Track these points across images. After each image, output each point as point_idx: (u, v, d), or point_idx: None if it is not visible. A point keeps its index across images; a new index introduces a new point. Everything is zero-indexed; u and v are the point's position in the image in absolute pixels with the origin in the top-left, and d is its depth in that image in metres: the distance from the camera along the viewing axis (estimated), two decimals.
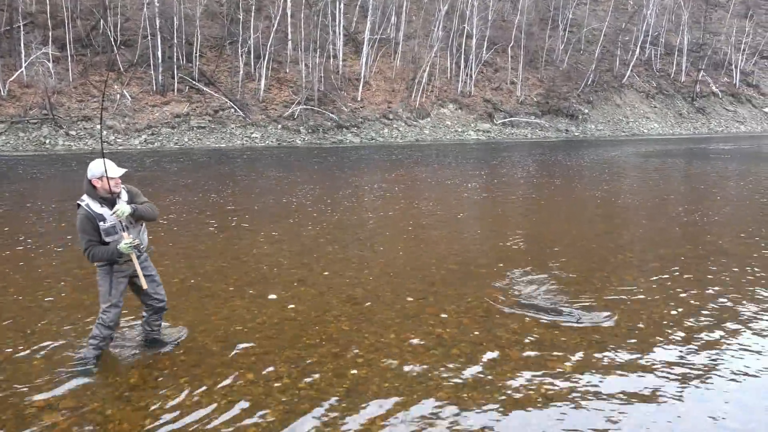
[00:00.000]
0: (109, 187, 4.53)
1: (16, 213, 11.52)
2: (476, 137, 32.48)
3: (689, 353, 5.33)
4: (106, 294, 4.79)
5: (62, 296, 6.58)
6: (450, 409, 4.32)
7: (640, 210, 12.96)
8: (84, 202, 4.56)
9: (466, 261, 8.28)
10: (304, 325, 5.81)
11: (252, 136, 27.22)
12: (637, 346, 5.45)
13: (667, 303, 6.61)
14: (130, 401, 4.34)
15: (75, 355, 4.97)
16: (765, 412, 4.36)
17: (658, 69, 43.80)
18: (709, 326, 5.96)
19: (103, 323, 4.80)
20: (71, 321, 5.81)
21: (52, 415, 4.14)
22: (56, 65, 25.77)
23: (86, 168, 4.58)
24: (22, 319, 5.85)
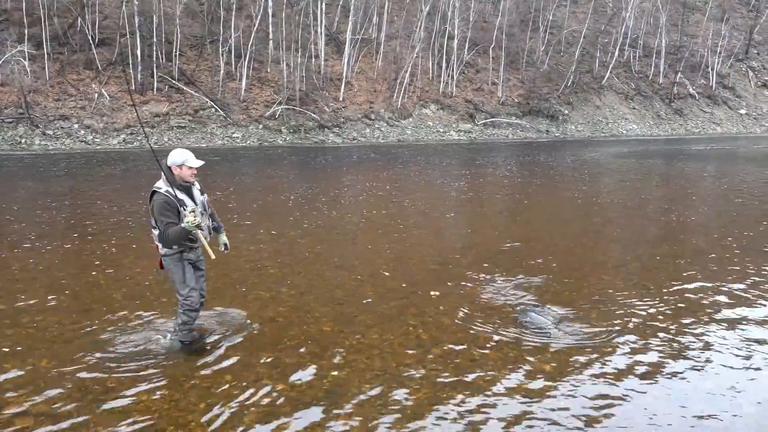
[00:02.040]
0: (187, 176, 4.79)
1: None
2: (458, 138, 32.61)
3: (666, 352, 5.40)
4: (182, 280, 4.97)
5: (34, 299, 6.48)
6: (430, 410, 4.33)
7: (618, 210, 13.12)
8: (162, 188, 4.72)
9: (448, 261, 8.31)
10: (284, 326, 5.79)
11: (233, 135, 27.03)
12: (616, 345, 5.51)
13: (644, 302, 6.70)
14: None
15: (163, 343, 5.19)
16: (740, 408, 4.44)
17: (637, 71, 44.34)
18: (687, 325, 6.05)
19: (189, 308, 5.02)
20: (48, 323, 5.72)
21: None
22: (32, 63, 25.35)
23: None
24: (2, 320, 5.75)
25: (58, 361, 4.93)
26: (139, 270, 7.56)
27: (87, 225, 10.32)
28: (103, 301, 6.38)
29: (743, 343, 5.61)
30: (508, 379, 4.81)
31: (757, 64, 50.54)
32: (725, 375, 4.98)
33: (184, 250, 4.93)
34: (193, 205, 4.83)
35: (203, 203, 5.02)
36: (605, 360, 5.19)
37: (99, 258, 8.21)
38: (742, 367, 5.11)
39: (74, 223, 10.57)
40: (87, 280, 7.17)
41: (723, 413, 4.38)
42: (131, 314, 5.99)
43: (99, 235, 9.48)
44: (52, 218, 10.84)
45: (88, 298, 6.52)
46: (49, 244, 8.93)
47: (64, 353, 5.08)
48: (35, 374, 4.71)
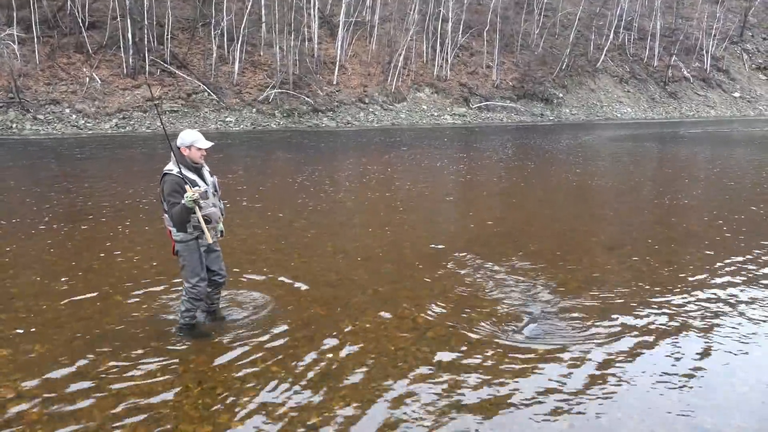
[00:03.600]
0: (196, 157, 4.79)
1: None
2: (452, 121, 32.51)
3: (659, 333, 5.45)
4: (195, 268, 4.95)
5: (27, 283, 6.47)
6: (425, 392, 4.36)
7: (612, 193, 13.16)
8: (173, 170, 4.70)
9: (442, 245, 8.32)
10: (279, 310, 5.80)
11: (226, 120, 26.85)
12: (610, 328, 5.55)
13: (638, 284, 6.74)
14: None
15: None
16: (739, 396, 4.49)
17: (632, 54, 44.20)
18: (679, 305, 6.10)
19: (195, 297, 5.01)
20: (41, 308, 5.71)
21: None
22: (22, 47, 25.03)
23: None
24: None
25: (52, 345, 4.93)
26: (134, 254, 7.54)
27: (82, 209, 10.26)
28: (97, 286, 6.36)
29: (736, 324, 5.66)
30: (503, 361, 4.84)
31: (752, 47, 50.47)
32: (718, 355, 5.03)
33: (199, 236, 4.90)
34: (205, 186, 4.83)
35: (214, 184, 5.02)
36: (597, 342, 5.22)
37: (93, 242, 8.18)
38: (736, 349, 5.16)
39: (70, 207, 10.50)
40: (81, 265, 7.15)
41: (716, 394, 4.43)
42: (125, 299, 5.99)
43: (93, 220, 9.44)
44: (52, 202, 10.78)
45: (83, 282, 6.50)
46: (42, 228, 8.89)
47: (59, 338, 5.08)
48: (30, 359, 4.71)
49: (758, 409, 4.22)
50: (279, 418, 3.99)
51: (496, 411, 4.15)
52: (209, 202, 4.86)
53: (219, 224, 5.12)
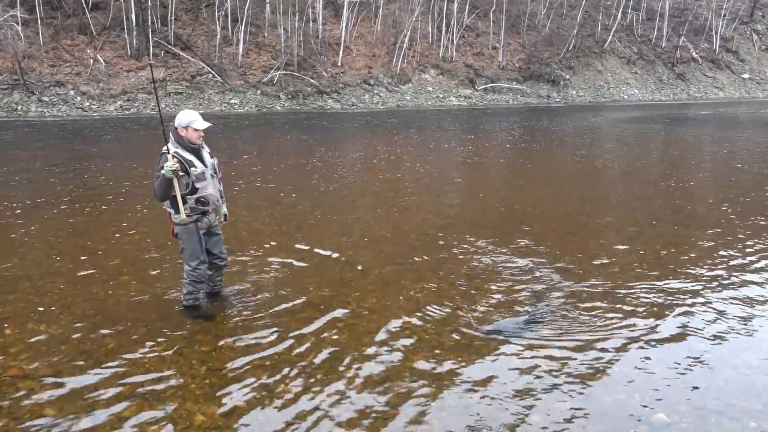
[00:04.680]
0: (194, 138, 4.76)
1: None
2: (457, 103, 32.31)
3: (664, 314, 5.45)
4: (195, 251, 4.95)
5: (33, 264, 6.51)
6: (429, 373, 4.39)
7: (617, 175, 13.09)
8: (170, 150, 4.65)
9: (447, 227, 8.32)
10: (284, 291, 5.82)
11: (231, 102, 26.76)
12: (615, 310, 5.56)
13: (643, 267, 6.73)
14: None
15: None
16: (739, 374, 4.50)
17: (640, 34, 43.67)
18: (683, 289, 6.09)
19: (196, 279, 5.05)
20: (48, 289, 5.76)
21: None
22: (26, 28, 24.93)
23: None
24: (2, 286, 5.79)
25: (59, 325, 4.98)
26: (139, 236, 7.58)
27: (86, 191, 10.29)
28: (102, 267, 6.40)
29: (741, 306, 5.65)
30: (507, 344, 4.85)
31: (762, 28, 49.77)
32: (722, 337, 5.03)
33: (198, 219, 4.90)
34: (203, 167, 4.82)
35: (213, 166, 4.98)
36: (602, 324, 5.23)
37: (98, 223, 8.21)
38: (740, 331, 5.16)
39: (74, 189, 10.53)
40: (85, 246, 7.19)
41: (720, 376, 4.44)
42: (132, 279, 6.03)
43: (98, 202, 9.46)
44: (52, 184, 10.81)
45: (87, 263, 6.54)
46: (48, 210, 8.92)
47: (66, 318, 5.12)
48: (37, 339, 4.75)
49: (762, 391, 4.22)
50: (284, 398, 4.03)
51: (499, 391, 4.17)
52: (206, 184, 4.83)
53: (222, 207, 5.13)
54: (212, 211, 4.99)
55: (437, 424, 3.79)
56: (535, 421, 3.85)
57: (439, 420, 3.83)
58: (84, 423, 3.73)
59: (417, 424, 3.78)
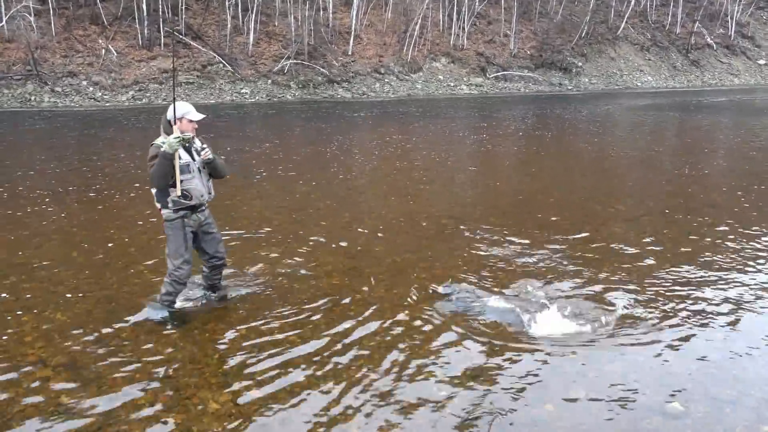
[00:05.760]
0: (188, 130, 4.61)
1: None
2: (469, 92, 32.12)
3: (676, 304, 5.41)
4: (180, 249, 4.77)
5: (48, 255, 6.58)
6: (440, 361, 4.39)
7: (631, 163, 12.98)
8: (160, 139, 4.54)
9: (460, 216, 8.30)
10: (295, 279, 5.84)
11: (242, 91, 26.78)
12: (626, 299, 5.52)
13: (655, 256, 6.68)
14: None
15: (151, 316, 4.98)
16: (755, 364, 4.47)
17: (654, 20, 43.10)
18: (696, 277, 6.05)
19: (177, 280, 4.85)
20: (61, 279, 5.82)
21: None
22: (38, 19, 25.04)
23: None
24: (13, 277, 5.84)
25: (74, 314, 5.03)
26: (152, 226, 7.62)
27: (101, 182, 10.36)
28: (117, 256, 6.46)
29: (755, 295, 5.60)
30: (518, 332, 4.85)
31: None
32: (737, 326, 4.99)
33: (185, 216, 4.73)
34: (189, 159, 4.62)
35: (201, 160, 4.73)
36: (615, 312, 5.21)
37: (113, 214, 8.27)
38: (755, 320, 5.12)
39: (82, 180, 10.60)
40: (101, 236, 7.24)
41: (736, 365, 4.40)
42: (146, 268, 6.07)
43: (113, 191, 9.52)
44: (66, 174, 10.89)
45: (103, 253, 6.60)
46: (63, 200, 9.00)
47: (81, 307, 5.17)
48: (52, 327, 4.81)
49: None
50: (297, 387, 4.05)
51: (510, 380, 4.17)
52: (191, 177, 4.63)
53: (203, 203, 4.83)
54: (197, 207, 4.76)
55: (449, 412, 3.79)
56: (548, 410, 3.84)
57: (452, 409, 3.83)
58: (99, 410, 3.77)
59: (426, 411, 3.79)
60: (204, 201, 4.81)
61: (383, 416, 3.76)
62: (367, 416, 3.76)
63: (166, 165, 4.47)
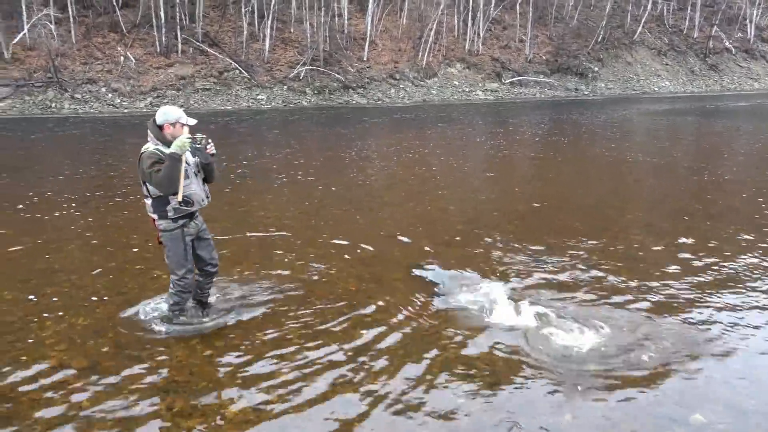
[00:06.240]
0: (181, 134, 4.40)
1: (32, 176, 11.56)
2: (484, 97, 32.06)
3: (700, 313, 5.34)
4: (181, 259, 4.68)
5: (70, 259, 6.65)
6: (459, 366, 4.36)
7: (648, 169, 12.85)
8: (150, 147, 4.40)
9: (477, 221, 8.27)
10: (311, 286, 5.85)
11: (258, 97, 26.97)
12: (646, 307, 5.46)
13: (674, 262, 6.60)
14: None
15: (156, 328, 4.90)
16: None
17: (671, 25, 42.76)
18: (715, 284, 5.96)
19: (183, 289, 4.81)
20: (82, 283, 5.88)
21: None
22: (59, 27, 25.44)
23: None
24: (33, 281, 5.92)
25: (94, 319, 5.07)
26: None
27: (126, 187, 10.46)
28: (135, 261, 6.51)
29: None
30: (539, 328, 4.81)
31: None
32: (756, 333, 4.91)
33: (185, 225, 4.61)
34: (185, 164, 4.43)
35: (197, 164, 4.61)
36: (640, 320, 5.14)
37: (137, 218, 8.34)
38: None
39: (110, 184, 10.72)
40: (123, 241, 7.30)
41: (758, 371, 4.33)
42: (164, 273, 6.11)
43: (138, 197, 9.62)
44: (89, 180, 11.03)
45: (123, 258, 6.66)
46: (89, 204, 9.11)
47: (101, 311, 5.22)
48: (73, 331, 4.86)
49: None
50: (314, 394, 4.05)
51: (531, 388, 4.13)
52: (190, 182, 4.49)
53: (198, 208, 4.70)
54: (197, 212, 4.70)
55: (467, 421, 3.76)
56: (567, 420, 3.80)
57: (470, 417, 3.81)
58: (119, 414, 3.79)
59: (444, 420, 3.77)
60: (204, 206, 4.69)
61: (402, 425, 3.74)
62: (386, 424, 3.74)
63: (176, 168, 4.32)
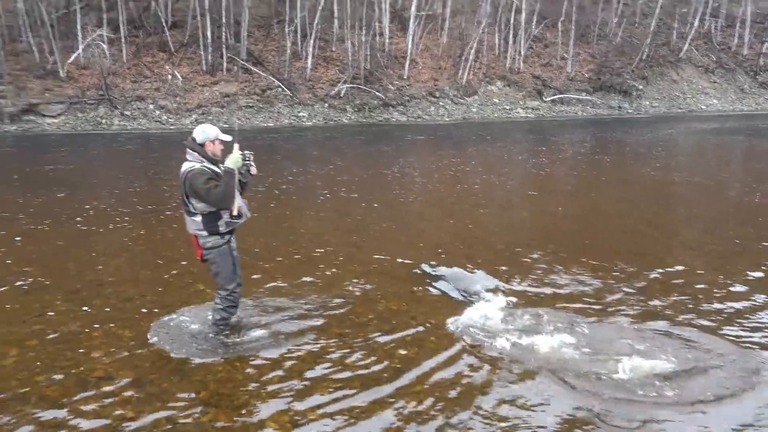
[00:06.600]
0: (218, 151, 4.60)
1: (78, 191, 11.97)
2: (524, 115, 31.81)
3: (751, 340, 5.15)
4: (231, 274, 4.75)
5: (119, 271, 6.84)
6: (501, 389, 4.30)
7: (695, 190, 12.51)
8: (196, 165, 4.49)
9: (517, 241, 8.17)
10: (352, 303, 5.86)
11: (299, 115, 27.39)
12: (695, 331, 5.29)
13: (724, 287, 6.38)
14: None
15: (200, 347, 4.88)
16: None
17: (719, 42, 41.71)
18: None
19: (232, 304, 4.85)
20: (128, 295, 6.03)
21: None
22: (111, 47, 26.42)
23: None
24: (83, 293, 6.10)
25: (139, 331, 5.19)
26: None
27: (171, 201, 10.74)
28: (182, 275, 6.65)
29: None
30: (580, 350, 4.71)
31: None
32: None
33: (230, 240, 4.72)
34: None
35: (242, 179, 4.73)
36: (691, 344, 4.99)
37: (182, 233, 8.54)
38: None
39: (161, 199, 11.00)
40: (169, 255, 7.46)
41: None
42: (207, 287, 6.22)
43: (182, 211, 9.85)
44: (142, 194, 11.35)
45: (169, 271, 6.81)
46: (141, 218, 9.37)
47: (145, 323, 5.34)
48: (119, 343, 4.98)
49: None
50: (354, 411, 4.05)
51: (558, 418, 4.04)
52: (237, 196, 4.60)
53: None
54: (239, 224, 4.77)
55: None
56: None
57: None
58: (162, 425, 3.86)
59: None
60: (248, 218, 4.80)
61: None
62: None
63: (233, 183, 4.46)
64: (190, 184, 4.46)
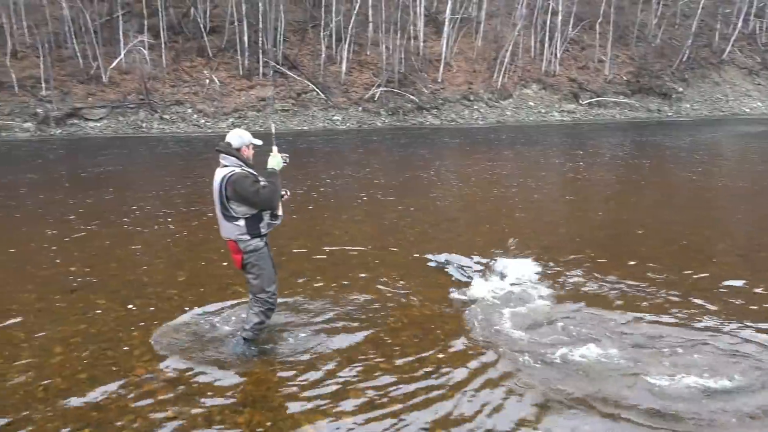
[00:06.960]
0: (251, 155, 4.68)
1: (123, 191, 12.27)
2: (560, 118, 31.39)
3: None
4: (272, 275, 4.75)
5: (161, 271, 6.98)
6: (537, 392, 4.24)
7: (739, 195, 12.13)
8: (236, 169, 4.52)
9: (554, 246, 8.05)
10: (387, 306, 5.86)
11: (333, 118, 27.57)
12: (739, 340, 5.13)
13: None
14: None
15: (234, 350, 4.85)
16: None
17: (763, 43, 40.50)
18: None
19: (272, 306, 4.81)
20: (167, 296, 6.14)
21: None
22: (151, 52, 27.05)
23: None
24: (126, 292, 6.24)
25: (178, 331, 5.28)
26: None
27: (212, 203, 10.91)
28: (223, 277, 6.75)
29: None
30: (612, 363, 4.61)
31: None
32: None
33: (268, 242, 4.73)
34: None
35: None
36: (722, 359, 4.84)
37: (218, 234, 8.68)
38: None
39: (204, 200, 11.15)
40: (209, 256, 7.57)
41: None
42: (241, 288, 6.29)
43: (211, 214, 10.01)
44: (186, 195, 11.55)
45: (209, 272, 6.92)
46: (184, 219, 9.56)
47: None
48: (159, 343, 5.07)
49: None
50: (388, 416, 4.04)
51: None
52: None
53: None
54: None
55: None
56: None
57: None
58: (200, 423, 3.92)
59: None
60: (283, 217, 4.84)
61: None
62: None
63: (279, 183, 4.55)
64: (233, 188, 4.45)
